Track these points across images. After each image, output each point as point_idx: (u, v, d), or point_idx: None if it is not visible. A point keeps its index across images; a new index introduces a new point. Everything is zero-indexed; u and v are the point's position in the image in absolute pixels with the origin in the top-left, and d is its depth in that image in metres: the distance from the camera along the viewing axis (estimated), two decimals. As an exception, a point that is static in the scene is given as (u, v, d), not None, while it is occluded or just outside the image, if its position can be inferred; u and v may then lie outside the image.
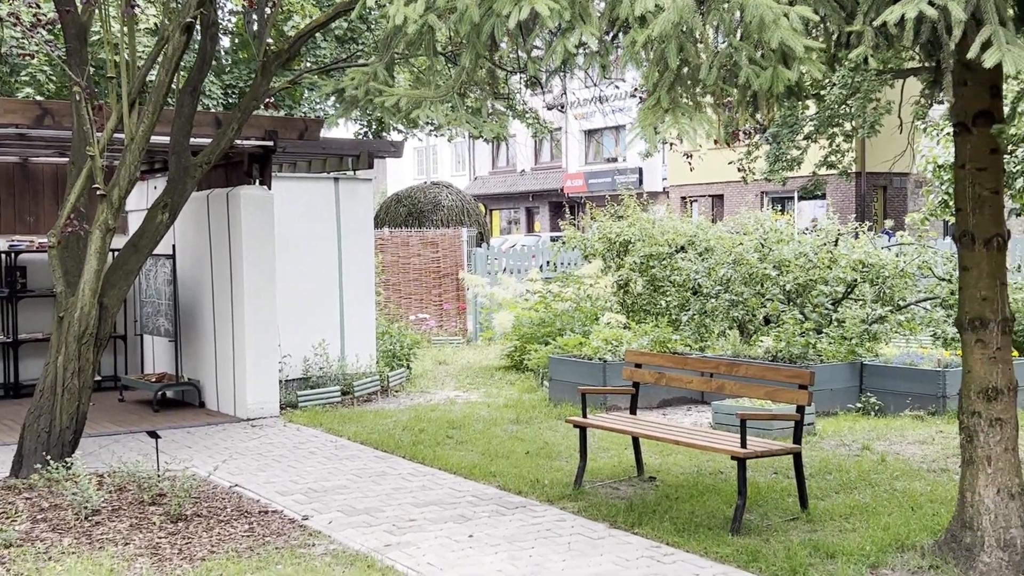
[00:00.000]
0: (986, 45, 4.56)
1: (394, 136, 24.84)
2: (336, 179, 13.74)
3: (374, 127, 24.09)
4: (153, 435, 8.82)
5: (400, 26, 4.83)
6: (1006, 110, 6.63)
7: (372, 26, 19.93)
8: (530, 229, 54.33)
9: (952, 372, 10.86)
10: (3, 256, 13.41)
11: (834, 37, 5.97)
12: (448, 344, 19.18)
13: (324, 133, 13.47)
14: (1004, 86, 6.41)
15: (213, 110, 17.76)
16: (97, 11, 9.26)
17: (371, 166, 14.11)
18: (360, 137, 23.90)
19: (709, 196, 43.08)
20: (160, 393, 12.65)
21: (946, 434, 9.92)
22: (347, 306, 13.63)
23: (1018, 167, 17.77)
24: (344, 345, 13.58)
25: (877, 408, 11.45)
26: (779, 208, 37.90)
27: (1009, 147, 17.08)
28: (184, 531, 7.32)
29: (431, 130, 24.73)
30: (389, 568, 6.56)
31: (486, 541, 7.13)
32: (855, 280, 13.48)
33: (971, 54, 4.59)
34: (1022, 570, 6.18)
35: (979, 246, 6.39)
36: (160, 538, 7.16)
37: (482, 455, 9.78)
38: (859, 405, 11.58)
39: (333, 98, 20.68)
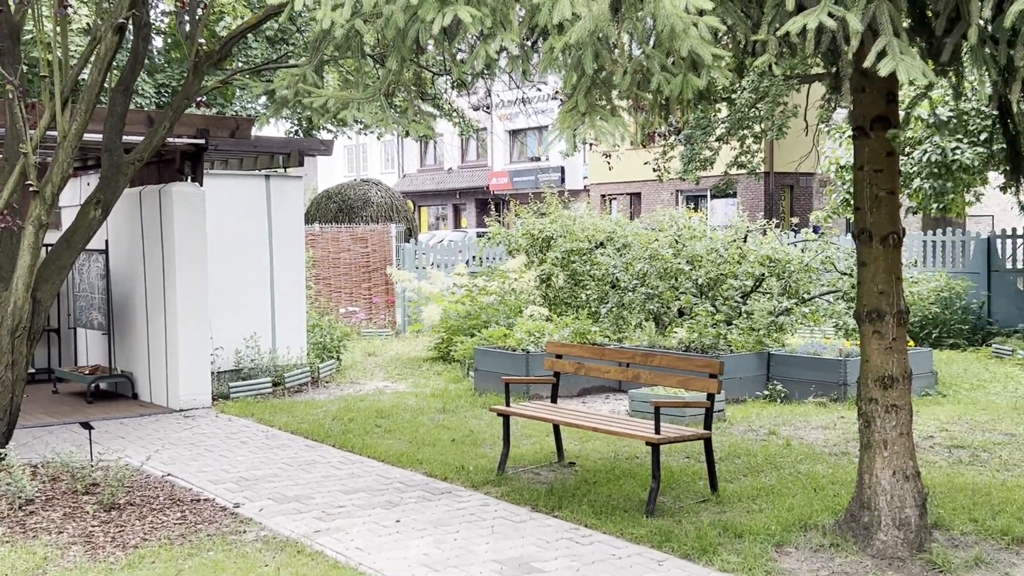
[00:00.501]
0: (881, 54, 4.64)
1: (324, 135, 24.64)
2: (267, 176, 13.63)
3: (304, 126, 23.88)
4: (86, 426, 8.72)
5: (328, 30, 4.82)
6: (901, 115, 6.76)
7: (302, 28, 19.74)
8: (457, 225, 54.21)
9: (852, 361, 11.04)
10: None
11: (741, 45, 6.05)
12: (377, 336, 19.11)
13: (255, 131, 13.34)
14: (899, 93, 6.54)
15: (146, 108, 17.46)
16: (30, 10, 9.13)
17: (302, 164, 14.04)
18: (291, 136, 23.65)
19: (627, 194, 43.31)
20: (93, 385, 12.45)
21: (847, 420, 10.10)
22: (278, 300, 13.53)
23: (914, 168, 18.15)
24: (275, 338, 13.48)
25: (783, 395, 11.62)
26: (693, 206, 38.25)
27: (905, 150, 17.42)
28: (117, 519, 7.23)
29: (360, 129, 24.55)
30: (318, 553, 6.54)
31: (413, 526, 7.14)
32: (763, 274, 13.67)
33: (868, 63, 4.67)
34: (916, 547, 6.32)
35: (876, 243, 6.51)
36: (93, 526, 7.07)
37: (409, 443, 9.78)
38: (766, 393, 11.75)
39: (264, 98, 20.52)
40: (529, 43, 5.62)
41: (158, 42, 20.75)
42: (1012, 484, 7.83)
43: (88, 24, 16.24)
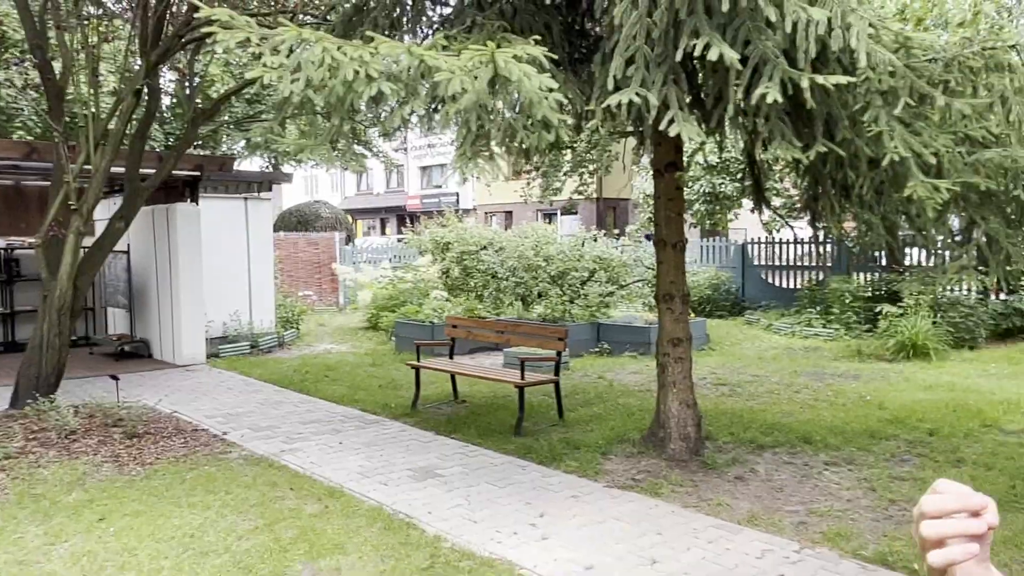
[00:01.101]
0: (671, 121, 4.75)
1: (287, 168, 24.10)
2: (246, 198, 13.28)
3: (273, 161, 23.33)
4: (114, 378, 8.43)
5: (287, 97, 4.72)
6: (685, 161, 6.91)
7: (271, 93, 19.25)
8: (383, 233, 53.41)
9: (654, 328, 11.19)
10: (3, 251, 12.74)
11: (579, 112, 6.12)
12: (326, 312, 18.79)
13: (237, 166, 13.02)
14: (684, 146, 6.68)
15: (157, 149, 16.83)
16: (71, 78, 8.72)
17: (271, 189, 13.78)
18: (264, 169, 23.08)
19: (503, 212, 43.20)
20: (119, 348, 12.03)
21: (650, 367, 10.27)
22: (254, 286, 13.23)
23: (695, 197, 18.58)
24: (252, 313, 13.17)
25: (608, 351, 11.80)
26: (548, 220, 38.38)
27: (688, 184, 17.82)
28: (137, 444, 7.01)
29: (314, 164, 24.04)
30: (284, 466, 6.44)
31: (351, 446, 7.07)
32: (595, 268, 13.85)
33: (662, 126, 4.77)
34: (694, 453, 6.50)
35: (668, 248, 6.66)
36: (120, 450, 6.84)
37: (349, 388, 9.67)
38: (597, 350, 11.91)
39: (243, 142, 19.96)
40: (432, 108, 5.58)
41: (166, 101, 20.00)
42: (757, 409, 8.11)
43: (114, 87, 15.59)
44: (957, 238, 7.17)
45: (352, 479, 6.10)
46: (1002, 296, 12.85)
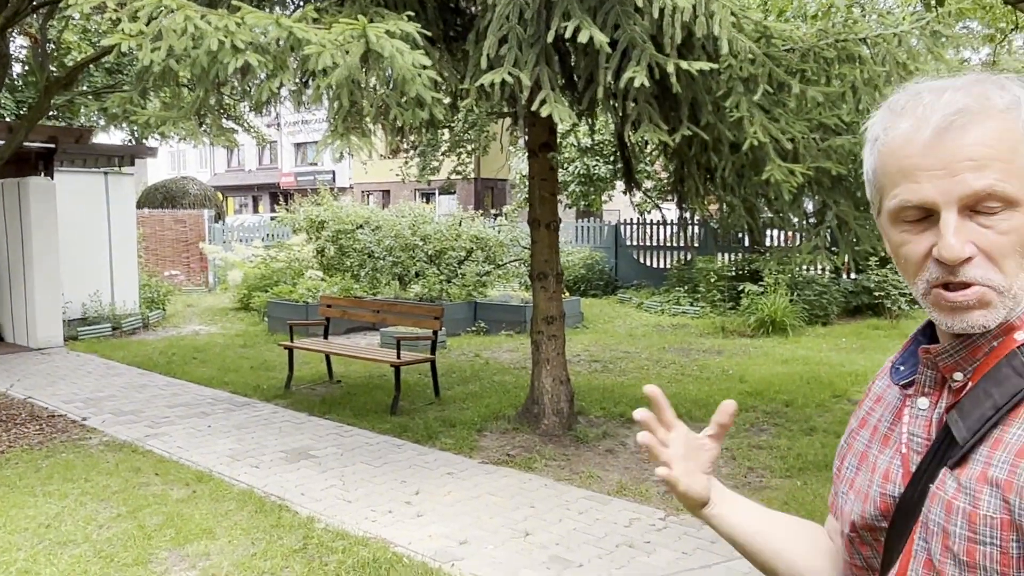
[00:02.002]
0: (543, 102, 4.81)
1: (151, 142, 23.00)
2: (106, 173, 12.59)
3: (136, 135, 22.20)
4: (-40, 363, 7.86)
5: (148, 67, 4.50)
6: (560, 143, 7.00)
7: (131, 62, 18.27)
8: (255, 211, 51.72)
9: (529, 307, 11.33)
10: None
11: (454, 91, 6.11)
12: (194, 292, 18.08)
13: (96, 139, 12.30)
14: (557, 127, 6.77)
15: (8, 119, 15.70)
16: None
17: (133, 163, 13.08)
18: (125, 142, 21.91)
19: (380, 191, 42.62)
20: (-34, 331, 11.24)
21: (525, 345, 10.38)
22: (116, 265, 12.57)
23: (569, 178, 18.89)
24: (114, 293, 12.53)
25: (485, 330, 11.88)
26: (426, 200, 38.23)
27: (563, 165, 18.09)
28: (-14, 433, 6.59)
29: (179, 138, 23.03)
30: (149, 451, 6.20)
31: (221, 429, 6.87)
32: (472, 248, 13.90)
33: (535, 107, 4.82)
34: (567, 427, 6.64)
35: (542, 228, 6.75)
36: (-34, 439, 6.42)
37: (219, 370, 9.37)
38: (474, 328, 11.96)
39: (101, 113, 18.88)
40: (303, 82, 5.44)
41: (17, 68, 18.67)
42: (627, 384, 8.36)
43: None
44: (811, 220, 7.58)
45: (222, 463, 5.93)
46: (852, 275, 13.69)
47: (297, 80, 5.05)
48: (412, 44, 4.69)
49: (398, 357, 7.47)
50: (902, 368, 1.07)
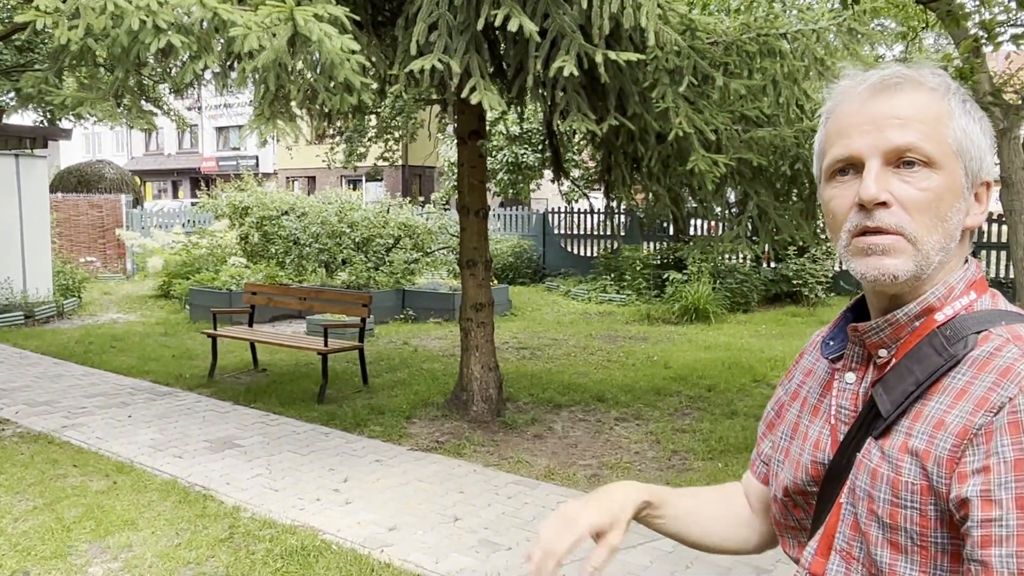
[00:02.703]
0: (473, 89, 4.82)
1: (65, 123, 22.12)
2: (17, 155, 12.07)
3: (49, 116, 21.31)
4: None
5: (64, 46, 4.35)
6: (489, 131, 7.01)
7: (45, 40, 17.52)
8: (175, 197, 50.26)
9: (458, 295, 11.37)
10: None
11: (382, 76, 6.06)
12: (112, 280, 17.52)
13: (7, 119, 11.79)
14: (487, 115, 6.79)
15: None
16: None
17: (46, 146, 12.57)
18: (38, 123, 21.03)
19: (306, 177, 41.94)
20: None
21: (454, 333, 10.45)
22: (27, 252, 12.08)
23: (498, 166, 18.91)
24: (26, 281, 12.04)
25: (413, 318, 11.85)
26: (352, 187, 37.77)
27: (492, 153, 18.11)
28: None
29: (95, 120, 22.22)
30: (66, 443, 6.01)
31: (142, 419, 6.71)
32: (400, 235, 13.82)
33: (464, 94, 4.83)
34: (496, 414, 6.70)
35: (471, 215, 6.77)
36: None
37: (139, 359, 9.12)
38: (402, 316, 11.92)
39: (13, 93, 18.09)
40: (228, 64, 5.33)
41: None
42: (555, 371, 8.46)
43: None
44: (733, 210, 7.78)
45: (144, 453, 5.80)
46: (772, 264, 14.10)
47: (222, 63, 4.94)
48: (340, 28, 4.64)
49: (325, 345, 7.41)
50: (832, 343, 1.14)
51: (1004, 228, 12.00)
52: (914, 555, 0.96)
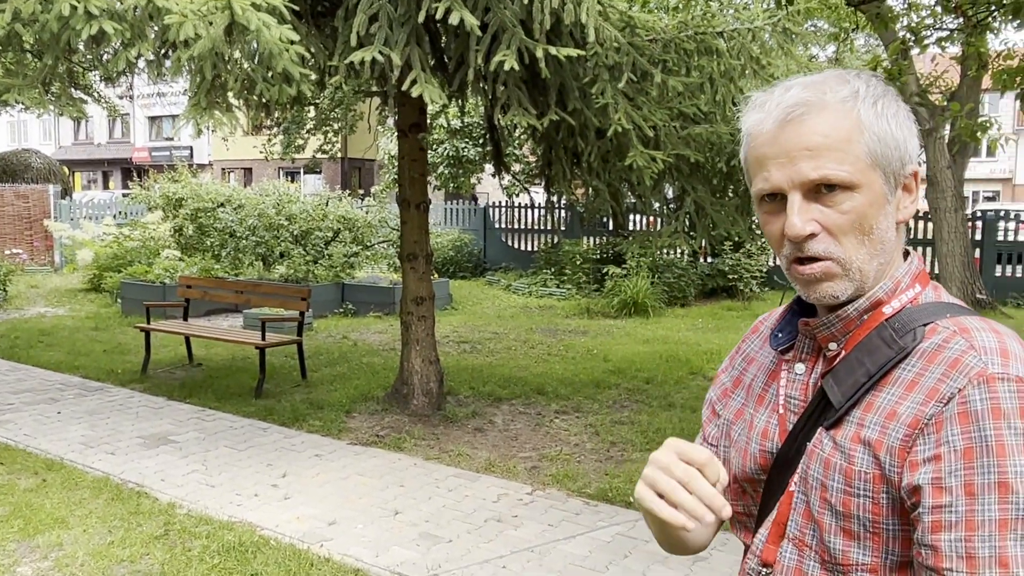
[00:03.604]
0: (414, 81, 4.81)
1: (-10, 112, 21.37)
2: (-63, 143, 11.64)
3: (-29, 104, 20.56)
4: None
5: (-9, 30, 4.21)
6: (430, 124, 6.99)
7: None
8: (106, 187, 48.83)
9: (398, 288, 11.29)
10: None
11: (322, 68, 6.00)
12: (39, 273, 16.95)
13: (-75, 106, 11.31)
14: (428, 108, 6.77)
15: None
16: None
17: (-31, 135, 12.13)
18: (-41, 111, 20.27)
19: (242, 168, 41.15)
20: None
21: (394, 327, 10.36)
22: (-50, 243, 11.68)
23: (439, 160, 18.86)
24: (-52, 273, 11.64)
25: (353, 312, 11.77)
26: (290, 179, 37.21)
27: (433, 147, 18.04)
28: None
29: (21, 108, 21.52)
30: (-9, 440, 5.83)
31: (72, 415, 6.54)
32: (340, 228, 13.69)
33: (405, 86, 4.82)
34: (436, 407, 6.70)
35: (412, 208, 6.75)
36: None
37: (68, 354, 8.87)
38: (341, 310, 11.82)
39: (-67, 79, 17.34)
40: (163, 52, 5.22)
41: None
42: (496, 364, 8.50)
43: None
44: (671, 206, 7.91)
45: (74, 450, 5.66)
46: (708, 259, 14.36)
47: (156, 51, 4.84)
48: (279, 18, 4.58)
49: (263, 339, 7.31)
50: (780, 335, 1.17)
51: (930, 225, 12.43)
52: (867, 541, 0.99)
